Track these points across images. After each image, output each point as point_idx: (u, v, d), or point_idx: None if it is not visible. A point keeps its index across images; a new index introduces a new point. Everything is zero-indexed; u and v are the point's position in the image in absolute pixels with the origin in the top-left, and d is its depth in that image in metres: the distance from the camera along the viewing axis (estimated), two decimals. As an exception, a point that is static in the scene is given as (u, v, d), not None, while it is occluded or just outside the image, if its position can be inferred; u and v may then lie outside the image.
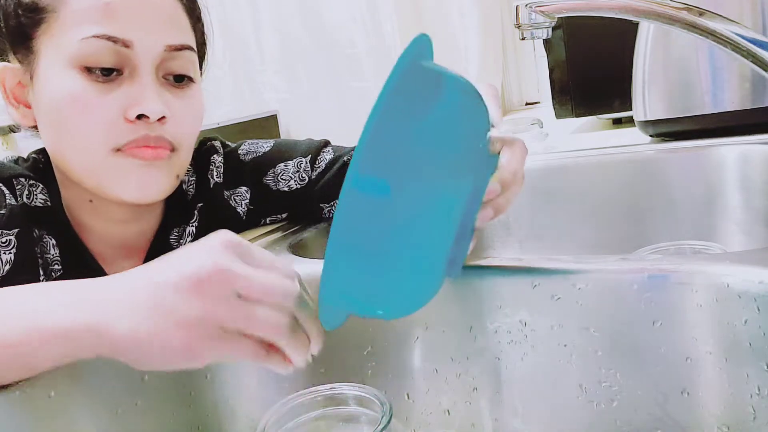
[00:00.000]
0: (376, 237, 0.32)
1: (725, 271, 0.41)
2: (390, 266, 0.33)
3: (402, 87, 0.31)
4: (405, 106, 0.32)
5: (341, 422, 0.43)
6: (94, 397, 0.43)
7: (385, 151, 0.31)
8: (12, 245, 0.55)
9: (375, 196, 0.31)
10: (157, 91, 0.56)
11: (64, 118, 0.55)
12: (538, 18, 0.56)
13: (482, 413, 0.49)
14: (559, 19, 0.58)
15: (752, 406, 0.39)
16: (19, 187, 0.59)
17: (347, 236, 0.31)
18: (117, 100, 0.55)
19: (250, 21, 1.70)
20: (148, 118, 0.55)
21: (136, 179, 0.57)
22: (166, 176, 0.59)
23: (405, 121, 0.32)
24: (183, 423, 0.48)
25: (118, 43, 0.54)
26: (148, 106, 0.55)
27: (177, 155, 0.59)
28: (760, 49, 0.51)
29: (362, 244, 0.32)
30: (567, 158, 0.87)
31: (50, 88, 0.55)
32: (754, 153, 0.75)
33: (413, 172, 0.32)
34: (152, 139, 0.56)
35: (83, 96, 0.54)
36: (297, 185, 0.70)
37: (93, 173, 0.57)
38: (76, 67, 0.54)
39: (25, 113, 0.59)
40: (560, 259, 0.46)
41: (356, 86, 1.60)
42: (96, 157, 0.56)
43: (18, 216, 0.56)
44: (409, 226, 0.32)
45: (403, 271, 0.34)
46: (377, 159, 0.31)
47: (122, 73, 0.55)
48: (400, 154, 0.32)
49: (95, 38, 0.53)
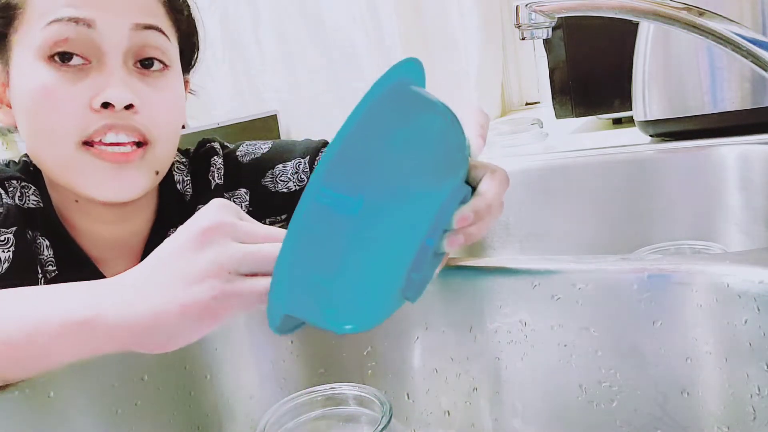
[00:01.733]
0: (329, 247, 0.32)
1: (725, 271, 0.41)
2: (340, 277, 0.33)
3: (380, 105, 0.31)
4: (379, 124, 0.32)
5: (341, 422, 0.43)
6: (94, 397, 0.43)
7: (355, 167, 0.31)
8: (10, 243, 0.55)
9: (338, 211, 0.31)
10: (124, 79, 0.55)
11: (34, 112, 0.55)
12: (538, 18, 0.56)
13: (482, 413, 0.49)
14: (559, 19, 0.58)
15: (752, 406, 0.39)
16: (11, 189, 0.59)
17: (300, 241, 0.31)
18: (84, 90, 0.54)
19: (250, 21, 1.70)
20: (113, 106, 0.54)
21: (106, 179, 0.56)
22: (142, 175, 0.58)
23: (380, 139, 0.32)
24: (183, 423, 0.48)
25: (80, 24, 0.53)
26: (111, 93, 0.53)
27: (152, 150, 0.58)
28: (760, 49, 0.51)
29: (314, 251, 0.31)
30: (567, 158, 0.87)
31: (21, 83, 0.55)
32: (754, 153, 0.75)
33: (381, 194, 0.32)
34: (120, 127, 0.55)
35: (50, 88, 0.53)
36: (296, 187, 0.70)
37: (63, 169, 0.56)
38: (42, 59, 0.54)
39: (7, 113, 0.59)
40: (560, 259, 0.46)
41: (356, 86, 1.60)
42: (64, 152, 0.55)
43: (15, 215, 0.56)
44: (364, 241, 0.32)
45: (353, 285, 0.34)
46: (346, 173, 0.30)
47: (90, 62, 0.55)
48: (365, 169, 0.31)
49: (56, 22, 0.53)
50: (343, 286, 0.33)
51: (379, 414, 0.39)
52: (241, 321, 0.52)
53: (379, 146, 0.32)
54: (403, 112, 0.33)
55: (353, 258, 0.32)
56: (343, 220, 0.31)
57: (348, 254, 0.32)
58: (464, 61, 1.50)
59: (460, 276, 0.49)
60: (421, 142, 0.34)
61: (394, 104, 0.33)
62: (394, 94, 0.33)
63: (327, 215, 0.31)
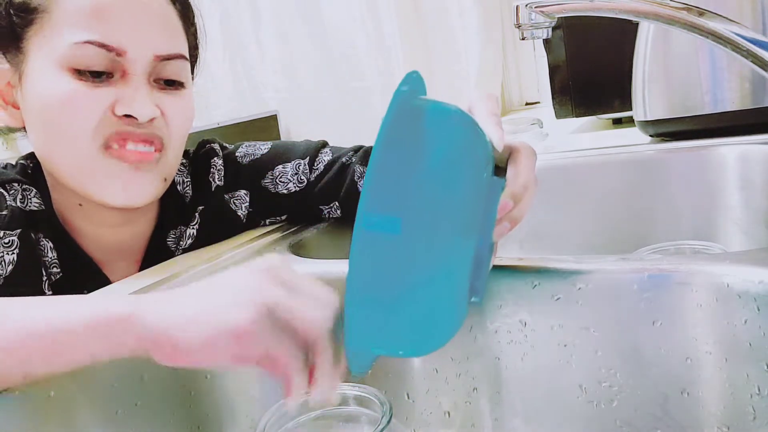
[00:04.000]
0: (392, 275, 0.32)
1: (725, 271, 0.41)
2: (410, 304, 0.33)
3: (398, 124, 0.31)
4: (404, 143, 0.32)
5: (341, 422, 0.43)
6: (94, 397, 0.43)
7: (390, 189, 0.31)
8: (15, 246, 0.55)
9: (384, 233, 0.31)
10: (148, 94, 0.56)
11: (53, 120, 0.55)
12: (538, 18, 0.56)
13: (482, 413, 0.49)
14: (559, 19, 0.58)
15: (752, 406, 0.39)
16: (12, 191, 0.59)
17: (363, 278, 0.31)
18: (106, 97, 0.55)
19: (250, 21, 1.70)
20: (136, 119, 0.55)
21: (122, 183, 0.57)
22: (153, 180, 0.59)
23: (406, 157, 0.32)
24: (183, 423, 0.48)
25: (112, 52, 0.54)
26: (137, 109, 0.55)
27: (165, 156, 0.59)
28: (760, 49, 0.51)
29: (379, 283, 0.32)
30: (567, 158, 0.87)
31: (39, 89, 0.55)
32: (754, 153, 0.75)
33: (421, 208, 0.32)
34: (140, 134, 0.56)
35: (72, 97, 0.54)
36: (296, 188, 0.70)
37: (80, 175, 0.57)
38: (66, 69, 0.54)
39: (13, 114, 0.59)
40: (560, 259, 0.46)
41: (356, 86, 1.60)
42: (84, 158, 0.56)
43: (19, 217, 0.56)
44: (423, 262, 0.32)
45: (424, 308, 0.34)
46: (383, 196, 0.31)
47: (113, 76, 0.55)
48: (406, 190, 0.32)
49: (88, 44, 0.53)
50: (415, 309, 0.33)
51: (379, 414, 0.39)
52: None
53: (408, 163, 0.32)
54: (420, 125, 0.33)
55: (415, 278, 0.32)
56: (394, 244, 0.31)
57: (410, 276, 0.32)
58: (464, 61, 1.50)
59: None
60: (447, 151, 0.34)
61: (409, 120, 0.33)
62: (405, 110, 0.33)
63: (379, 243, 0.31)
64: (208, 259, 0.60)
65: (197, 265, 0.59)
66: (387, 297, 0.32)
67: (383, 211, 0.31)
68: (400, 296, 0.33)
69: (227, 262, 0.60)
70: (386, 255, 0.31)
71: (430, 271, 0.33)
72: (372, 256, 0.31)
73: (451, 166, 0.34)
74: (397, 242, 0.31)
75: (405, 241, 0.31)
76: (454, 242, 0.35)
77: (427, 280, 0.33)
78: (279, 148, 0.72)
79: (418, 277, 0.33)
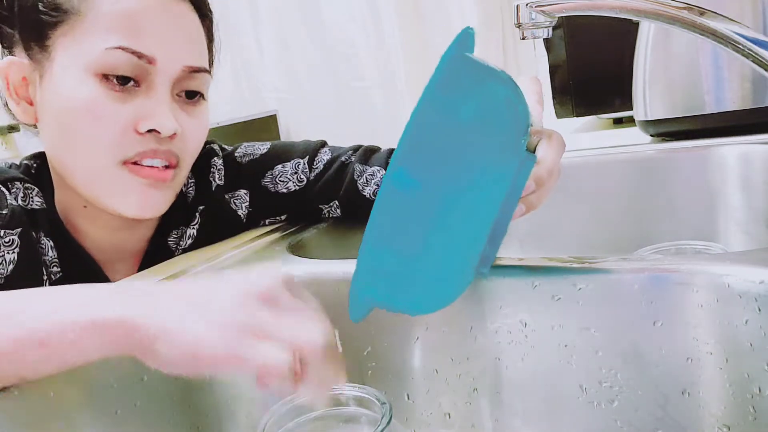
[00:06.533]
0: (412, 231, 0.32)
1: (726, 271, 0.41)
2: (422, 261, 0.33)
3: (447, 80, 0.31)
4: (448, 99, 0.32)
5: (341, 423, 0.43)
6: (94, 397, 0.43)
7: (425, 146, 0.31)
8: (15, 245, 0.55)
9: (412, 190, 0.31)
10: (171, 108, 0.56)
11: (74, 124, 0.55)
12: (538, 17, 0.56)
13: (482, 414, 0.49)
14: (559, 19, 0.58)
15: (753, 406, 0.39)
16: (14, 190, 0.58)
17: (383, 228, 0.31)
18: (130, 111, 0.55)
19: (250, 21, 1.70)
20: (159, 133, 0.55)
21: (136, 198, 0.57)
22: (166, 195, 0.59)
23: (447, 115, 0.32)
24: (183, 423, 0.48)
25: (143, 60, 0.54)
26: (161, 122, 0.55)
27: (179, 172, 0.60)
28: (761, 49, 0.51)
29: (397, 237, 0.32)
30: (567, 158, 0.86)
31: (63, 91, 0.55)
32: (755, 153, 0.75)
33: (452, 168, 0.32)
34: (161, 152, 0.56)
35: (97, 104, 0.54)
36: (295, 187, 0.70)
37: (94, 183, 0.57)
38: (93, 74, 0.54)
39: (26, 109, 0.58)
40: (560, 259, 0.46)
41: (356, 86, 1.60)
42: (100, 169, 0.56)
43: (19, 216, 0.56)
44: (445, 222, 0.32)
45: (435, 267, 0.34)
46: (418, 154, 0.31)
47: (139, 85, 0.55)
48: (440, 148, 0.32)
49: (121, 50, 0.53)
50: (426, 267, 0.33)
51: (379, 415, 0.39)
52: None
53: (449, 124, 0.32)
54: (468, 86, 0.33)
55: (434, 237, 0.32)
56: (420, 200, 0.31)
57: (429, 234, 0.32)
58: (464, 60, 1.50)
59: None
60: (489, 114, 0.34)
61: (458, 78, 0.32)
62: (457, 67, 0.32)
63: (405, 197, 0.31)
64: (208, 259, 0.60)
65: (197, 264, 0.59)
66: (401, 250, 0.32)
67: (414, 168, 0.31)
68: (415, 251, 0.33)
69: (227, 262, 0.60)
70: (409, 210, 0.32)
71: (449, 232, 0.33)
72: (395, 208, 0.31)
73: (490, 127, 0.34)
74: (422, 199, 0.31)
75: (431, 198, 0.31)
76: (478, 207, 0.35)
77: (444, 241, 0.33)
78: (278, 148, 0.72)
79: (436, 237, 0.33)
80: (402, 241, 0.32)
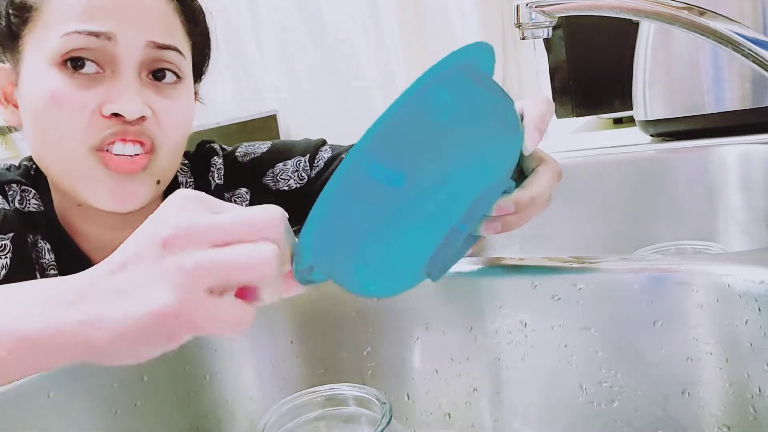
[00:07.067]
0: (369, 217, 0.32)
1: (726, 271, 0.41)
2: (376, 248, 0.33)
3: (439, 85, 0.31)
4: (436, 103, 0.31)
5: (341, 423, 0.43)
6: (94, 397, 0.43)
7: (401, 141, 0.31)
8: (7, 250, 0.55)
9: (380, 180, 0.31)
10: (138, 90, 0.55)
11: (43, 117, 0.54)
12: (538, 17, 0.56)
13: (482, 414, 0.49)
14: (559, 19, 0.58)
15: (753, 406, 0.39)
16: (11, 193, 0.58)
17: (338, 206, 0.30)
18: (95, 96, 0.53)
19: (250, 20, 1.70)
20: (123, 117, 0.54)
21: (108, 190, 0.55)
22: (143, 185, 0.57)
23: (430, 117, 0.32)
24: (182, 423, 0.48)
25: (101, 38, 0.53)
26: (124, 105, 0.53)
27: (156, 158, 0.57)
28: (761, 49, 0.51)
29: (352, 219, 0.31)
30: (567, 158, 0.87)
31: (31, 87, 0.55)
32: (755, 153, 0.75)
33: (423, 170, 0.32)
34: (131, 135, 0.54)
35: (62, 93, 0.53)
36: (296, 184, 0.70)
37: (69, 175, 0.56)
38: (56, 65, 0.53)
39: (14, 113, 0.58)
40: (560, 259, 0.46)
41: (356, 86, 1.60)
42: (71, 159, 0.55)
43: (12, 221, 0.56)
44: (403, 218, 0.32)
45: (386, 257, 0.34)
46: (391, 146, 0.30)
47: (104, 71, 0.54)
48: (416, 148, 0.32)
49: (77, 34, 0.52)
50: (377, 252, 0.33)
51: (379, 414, 0.39)
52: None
53: (432, 125, 0.32)
54: (460, 98, 0.33)
55: (391, 228, 0.32)
56: (385, 191, 0.31)
57: (387, 223, 0.32)
58: (464, 60, 1.50)
59: (460, 276, 0.49)
60: (473, 131, 0.34)
61: (452, 87, 0.32)
62: (455, 77, 0.32)
63: (370, 182, 0.31)
64: (208, 259, 0.60)
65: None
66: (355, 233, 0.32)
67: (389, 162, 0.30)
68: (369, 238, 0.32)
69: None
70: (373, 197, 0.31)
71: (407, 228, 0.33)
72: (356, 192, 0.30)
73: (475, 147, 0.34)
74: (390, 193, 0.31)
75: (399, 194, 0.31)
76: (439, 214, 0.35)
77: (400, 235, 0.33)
78: (279, 147, 0.72)
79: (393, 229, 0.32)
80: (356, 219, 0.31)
